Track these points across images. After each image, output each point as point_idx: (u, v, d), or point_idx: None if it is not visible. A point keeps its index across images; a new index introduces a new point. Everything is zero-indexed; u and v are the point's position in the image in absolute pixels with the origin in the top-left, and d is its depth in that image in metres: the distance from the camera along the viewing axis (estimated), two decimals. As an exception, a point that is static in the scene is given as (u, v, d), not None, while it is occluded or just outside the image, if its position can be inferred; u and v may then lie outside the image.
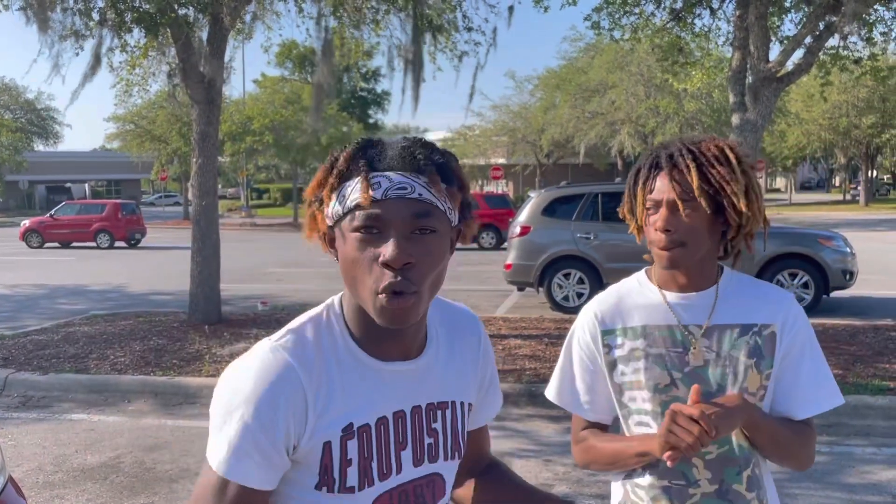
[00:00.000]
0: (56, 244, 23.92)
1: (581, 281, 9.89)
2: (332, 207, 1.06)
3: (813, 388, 1.46)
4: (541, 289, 10.05)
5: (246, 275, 14.90)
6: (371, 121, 59.86)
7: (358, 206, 1.01)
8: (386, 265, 0.99)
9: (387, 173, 1.02)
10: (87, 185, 56.48)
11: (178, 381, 6.33)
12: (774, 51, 7.42)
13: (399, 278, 0.99)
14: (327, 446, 1.06)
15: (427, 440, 1.16)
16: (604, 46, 25.90)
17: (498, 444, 5.01)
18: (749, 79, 7.21)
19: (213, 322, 8.56)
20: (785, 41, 8.06)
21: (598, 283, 9.81)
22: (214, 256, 8.64)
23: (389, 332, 1.10)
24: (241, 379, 1.05)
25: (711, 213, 1.41)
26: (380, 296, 1.01)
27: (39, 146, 50.84)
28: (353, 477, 1.08)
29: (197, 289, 8.63)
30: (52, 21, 8.07)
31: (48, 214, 24.72)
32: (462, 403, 1.22)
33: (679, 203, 1.40)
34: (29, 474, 4.56)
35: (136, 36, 8.74)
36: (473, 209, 1.12)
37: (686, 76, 10.47)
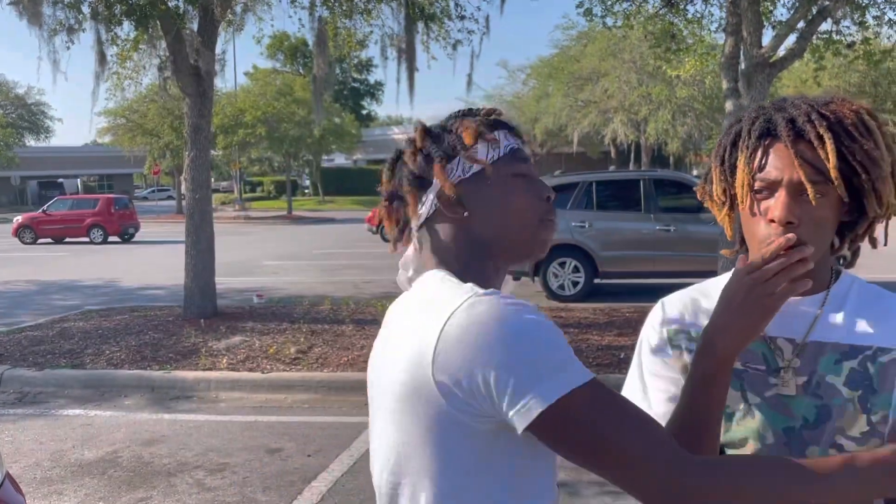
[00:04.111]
0: (49, 240, 23.82)
1: (576, 269, 9.90)
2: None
3: None
4: (536, 278, 10.06)
5: (241, 268, 14.85)
6: (364, 111, 59.70)
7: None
8: None
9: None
10: (78, 180, 56.22)
11: (174, 376, 6.31)
12: (767, 36, 7.39)
13: None
14: None
15: None
16: (596, 34, 25.78)
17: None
18: (742, 65, 7.19)
19: (208, 316, 8.55)
20: (778, 26, 8.03)
21: (594, 272, 9.85)
22: (209, 250, 8.61)
23: None
24: None
25: (843, 201, 1.08)
26: None
27: (31, 141, 50.50)
28: None
29: (192, 283, 8.61)
30: (44, 16, 8.01)
31: (41, 210, 24.58)
32: None
33: (808, 186, 1.04)
34: (26, 470, 4.55)
35: (126, 29, 8.70)
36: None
37: (678, 63, 10.44)
